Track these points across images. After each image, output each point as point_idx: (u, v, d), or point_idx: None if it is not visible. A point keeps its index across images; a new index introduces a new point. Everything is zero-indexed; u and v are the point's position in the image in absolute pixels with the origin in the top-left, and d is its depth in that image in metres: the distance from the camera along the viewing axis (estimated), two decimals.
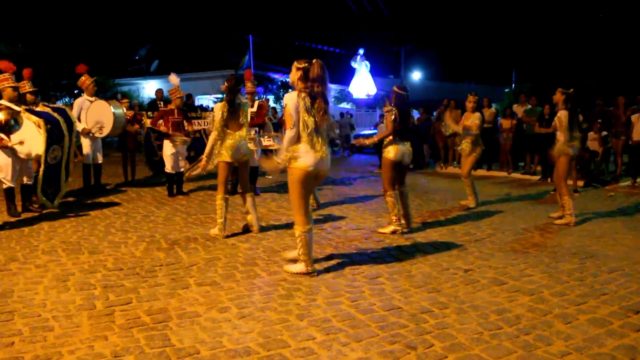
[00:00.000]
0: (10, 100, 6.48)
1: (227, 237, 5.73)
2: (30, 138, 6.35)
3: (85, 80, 8.56)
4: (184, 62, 27.33)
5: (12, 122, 6.27)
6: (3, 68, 6.61)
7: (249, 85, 8.26)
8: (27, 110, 6.49)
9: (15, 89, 6.64)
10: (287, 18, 32.27)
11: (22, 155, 6.47)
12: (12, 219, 6.48)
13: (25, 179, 6.91)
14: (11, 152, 6.42)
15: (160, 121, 8.11)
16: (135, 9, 29.84)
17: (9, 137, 6.30)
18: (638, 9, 22.78)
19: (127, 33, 30.13)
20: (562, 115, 6.53)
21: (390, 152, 5.98)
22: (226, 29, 29.68)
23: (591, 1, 25.20)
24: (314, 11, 32.54)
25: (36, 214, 6.78)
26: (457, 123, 8.03)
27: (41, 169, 6.48)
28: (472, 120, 7.58)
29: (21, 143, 6.31)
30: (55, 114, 6.79)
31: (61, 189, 7.03)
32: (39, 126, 6.32)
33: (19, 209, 6.81)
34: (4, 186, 6.60)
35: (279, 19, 31.98)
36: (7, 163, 6.45)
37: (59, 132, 6.68)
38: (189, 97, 11.81)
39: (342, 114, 20.98)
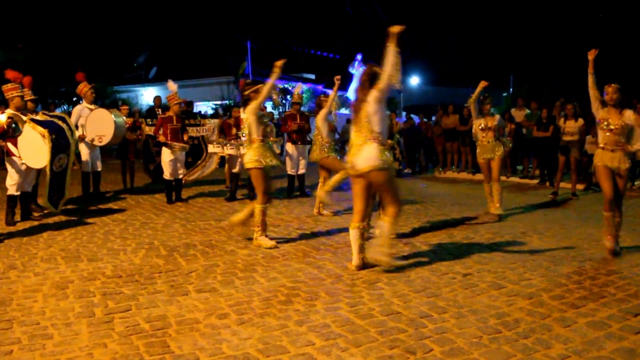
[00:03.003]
0: (18, 109, 6.54)
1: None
2: (36, 149, 6.41)
3: (83, 87, 8.54)
4: (182, 68, 27.36)
5: (14, 125, 6.29)
6: (11, 78, 6.65)
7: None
8: (32, 120, 6.51)
9: (23, 98, 6.70)
10: (285, 24, 32.36)
11: (30, 165, 6.57)
12: (9, 228, 6.47)
13: (25, 187, 6.92)
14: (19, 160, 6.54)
15: (161, 131, 8.09)
16: (133, 15, 29.86)
17: (15, 145, 6.41)
18: (635, 12, 22.84)
19: (125, 40, 30.15)
20: None
21: None
22: (225, 36, 29.73)
23: (588, 3, 25.26)
24: (312, 17, 32.64)
25: (35, 223, 6.77)
26: (455, 127, 8.01)
27: (47, 177, 6.52)
28: (493, 121, 7.34)
29: (26, 154, 6.42)
30: (60, 122, 6.83)
31: (64, 195, 7.08)
32: (43, 137, 6.36)
33: (18, 217, 6.81)
34: (8, 193, 6.66)
35: (278, 25, 32.07)
36: (16, 170, 6.57)
37: (64, 140, 6.72)
38: (190, 104, 11.81)
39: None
